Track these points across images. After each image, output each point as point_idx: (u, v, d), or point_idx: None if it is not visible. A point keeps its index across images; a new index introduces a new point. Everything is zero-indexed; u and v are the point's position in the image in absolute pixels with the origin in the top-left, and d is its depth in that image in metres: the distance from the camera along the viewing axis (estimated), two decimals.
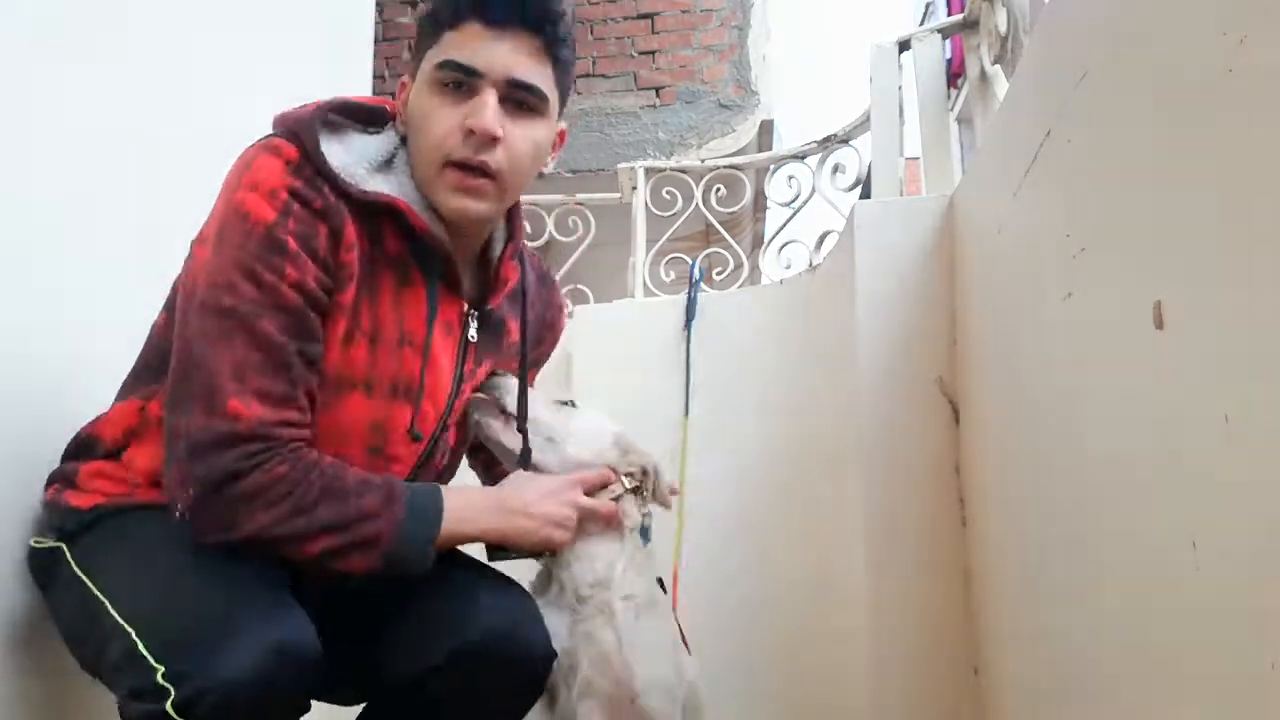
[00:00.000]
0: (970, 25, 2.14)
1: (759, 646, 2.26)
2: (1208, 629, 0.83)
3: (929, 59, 2.25)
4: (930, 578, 1.79)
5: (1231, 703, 0.79)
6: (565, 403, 1.28)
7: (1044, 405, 1.31)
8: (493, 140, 1.07)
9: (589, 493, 1.20)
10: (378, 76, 3.85)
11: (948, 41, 2.31)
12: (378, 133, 1.14)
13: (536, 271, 1.35)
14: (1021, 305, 1.43)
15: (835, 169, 2.57)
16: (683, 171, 2.87)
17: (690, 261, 2.65)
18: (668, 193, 2.84)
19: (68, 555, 1.05)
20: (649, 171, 2.86)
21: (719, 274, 3.14)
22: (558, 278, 2.84)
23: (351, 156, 1.07)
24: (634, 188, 2.86)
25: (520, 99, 1.09)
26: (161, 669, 0.87)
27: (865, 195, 2.24)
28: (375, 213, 1.07)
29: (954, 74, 3.44)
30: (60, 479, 1.12)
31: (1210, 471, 0.82)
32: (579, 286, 2.83)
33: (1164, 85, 0.92)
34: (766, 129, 4.70)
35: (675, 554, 2.29)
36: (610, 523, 1.21)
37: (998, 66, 1.98)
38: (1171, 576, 0.89)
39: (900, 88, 2.33)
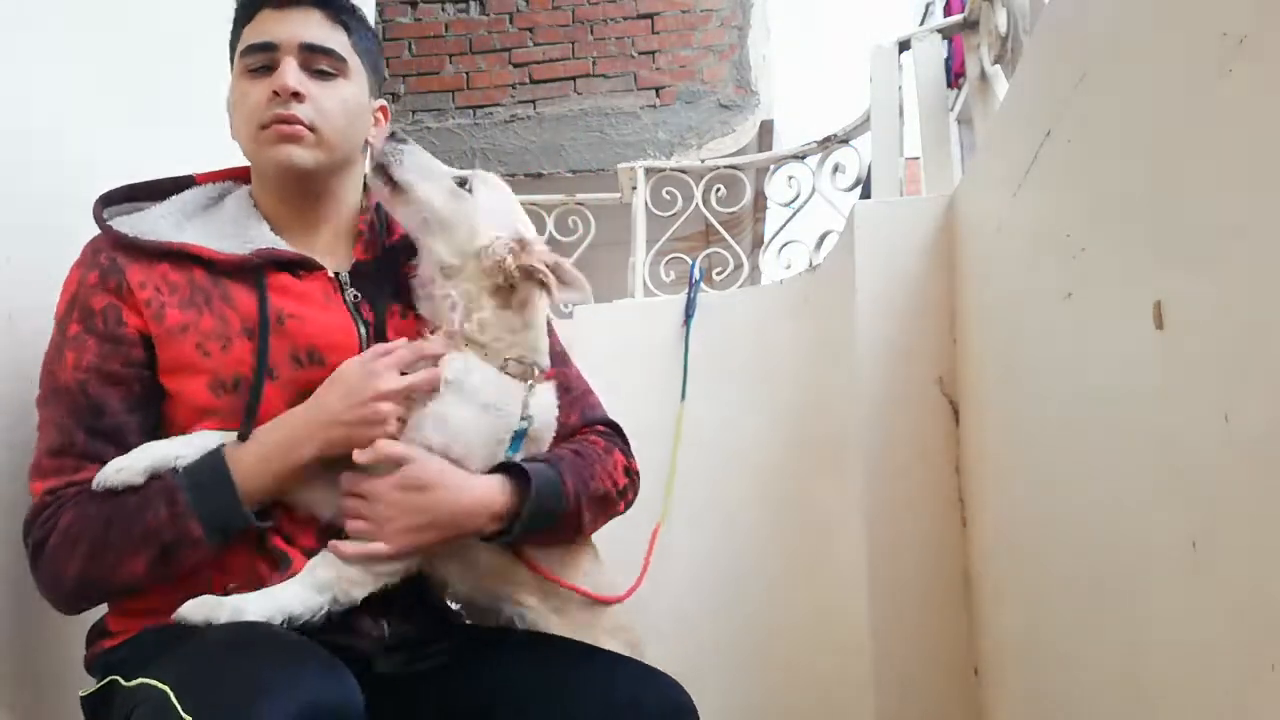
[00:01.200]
0: (970, 25, 2.14)
1: (757, 645, 2.26)
2: (1208, 629, 0.83)
3: (929, 59, 2.25)
4: (930, 578, 1.79)
5: (1232, 704, 0.79)
6: (461, 182, 1.19)
7: (1044, 405, 1.31)
8: (295, 95, 1.15)
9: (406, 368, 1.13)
10: None
11: (948, 41, 2.31)
12: (183, 190, 1.24)
13: None
14: (1021, 305, 1.43)
15: (835, 169, 2.57)
16: (683, 171, 2.87)
17: (690, 261, 2.65)
18: (668, 193, 2.84)
19: (120, 682, 1.01)
20: (649, 171, 2.86)
21: (719, 274, 3.13)
22: None
23: (147, 222, 1.17)
24: (634, 188, 2.86)
25: (319, 64, 1.18)
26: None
27: (865, 195, 2.25)
28: (178, 253, 1.15)
29: (954, 74, 3.44)
30: (94, 635, 1.14)
31: (1210, 471, 0.82)
32: None
33: (1164, 85, 0.92)
34: (766, 129, 4.70)
35: (663, 514, 2.27)
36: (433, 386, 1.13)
37: (998, 66, 1.98)
38: (1171, 577, 0.89)
39: (900, 88, 2.33)
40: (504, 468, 1.15)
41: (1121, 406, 1.02)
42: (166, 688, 0.87)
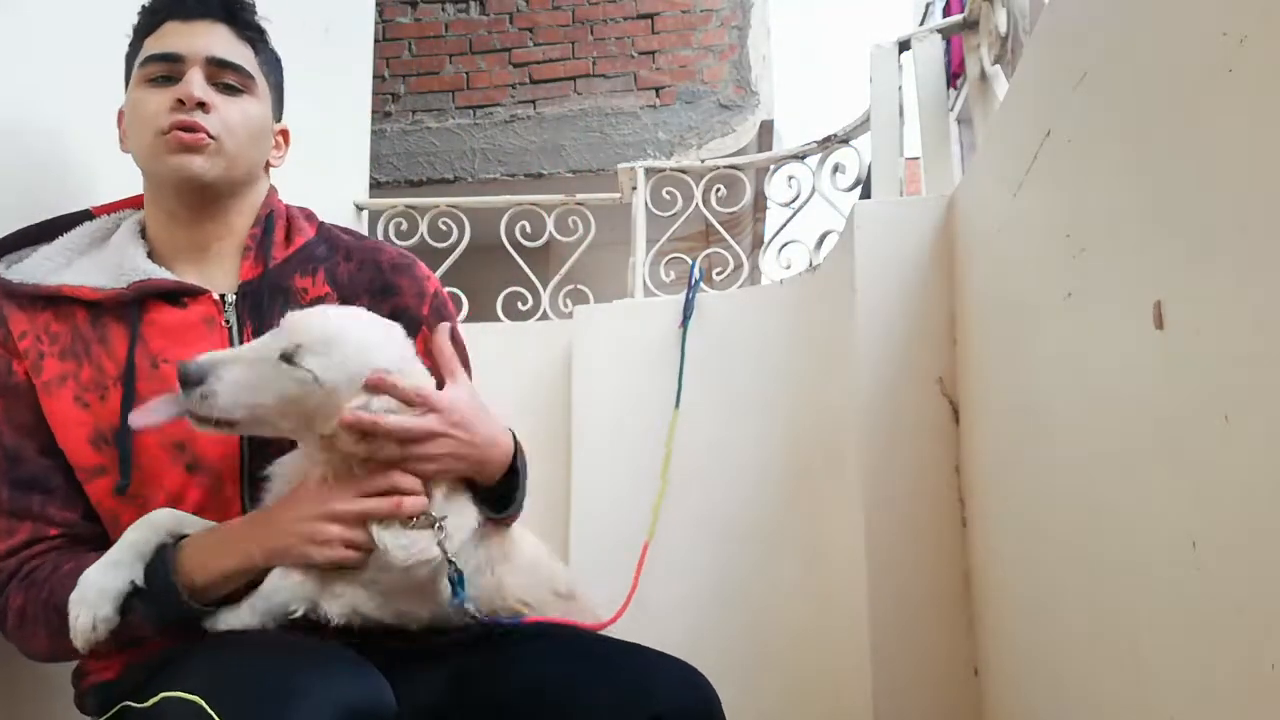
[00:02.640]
0: (970, 25, 2.14)
1: (759, 646, 2.26)
2: (1208, 629, 0.83)
3: (929, 59, 2.25)
4: (930, 578, 1.79)
5: (1231, 703, 0.79)
6: (285, 357, 1.00)
7: (1044, 405, 1.31)
8: (201, 105, 1.12)
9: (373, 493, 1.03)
10: (378, 77, 3.85)
11: (945, 41, 2.31)
12: (76, 225, 1.21)
13: (348, 234, 1.30)
14: (1021, 305, 1.43)
15: (835, 169, 2.56)
16: (683, 171, 2.87)
17: (690, 262, 2.64)
18: (668, 193, 2.84)
19: (134, 706, 0.98)
20: (649, 171, 2.86)
21: (719, 274, 3.13)
22: (557, 278, 2.88)
23: (31, 266, 1.15)
24: (634, 188, 2.86)
25: (225, 79, 1.15)
26: None
27: (865, 195, 2.24)
28: (60, 298, 1.12)
29: (953, 74, 3.44)
30: (77, 675, 1.12)
31: (1210, 471, 0.82)
32: (579, 286, 2.83)
33: (1164, 85, 0.92)
34: (766, 129, 4.70)
35: (651, 531, 2.27)
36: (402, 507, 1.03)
37: (998, 66, 1.98)
38: (1171, 576, 0.89)
39: (900, 88, 2.33)
40: None
41: (1121, 406, 1.02)
42: (197, 698, 0.85)
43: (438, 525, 1.02)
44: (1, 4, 1.31)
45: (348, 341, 1.01)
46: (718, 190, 2.82)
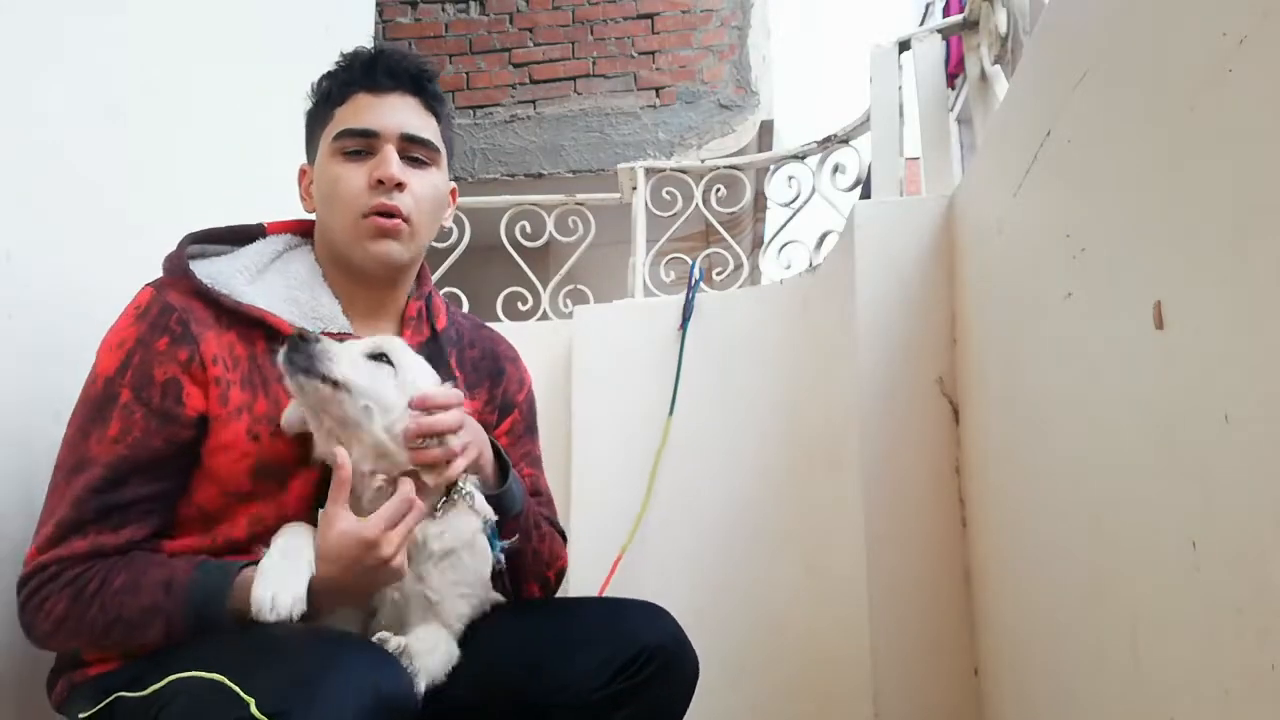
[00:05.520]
0: (970, 25, 2.14)
1: (759, 647, 2.26)
2: (1208, 629, 0.83)
3: (929, 59, 2.25)
4: (930, 578, 1.79)
5: (1231, 703, 0.79)
6: (377, 357, 1.11)
7: (1044, 405, 1.31)
8: (399, 186, 1.16)
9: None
10: None
11: (945, 41, 2.31)
12: (248, 244, 1.22)
13: (469, 319, 1.41)
14: (1021, 305, 1.43)
15: (835, 169, 2.57)
16: (683, 171, 2.87)
17: (690, 262, 2.65)
18: (668, 193, 2.84)
19: (126, 695, 1.00)
20: (649, 171, 2.86)
21: (719, 274, 3.14)
22: (557, 278, 2.88)
23: (223, 271, 1.16)
24: (634, 188, 2.86)
25: (415, 153, 1.20)
26: (253, 701, 0.84)
27: (865, 195, 2.24)
28: (250, 320, 1.13)
29: (951, 74, 3.44)
30: (63, 670, 1.11)
31: (1210, 471, 0.82)
32: (579, 286, 2.83)
33: (1164, 85, 0.92)
34: (766, 129, 4.70)
35: (627, 542, 2.29)
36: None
37: (998, 66, 1.98)
38: (1171, 576, 0.89)
39: (900, 88, 2.33)
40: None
41: (1121, 406, 1.02)
42: (216, 675, 0.86)
43: (465, 493, 1.13)
44: (3, 4, 1.31)
45: (411, 365, 1.14)
46: (718, 190, 2.82)
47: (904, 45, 2.31)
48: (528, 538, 1.23)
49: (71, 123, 1.40)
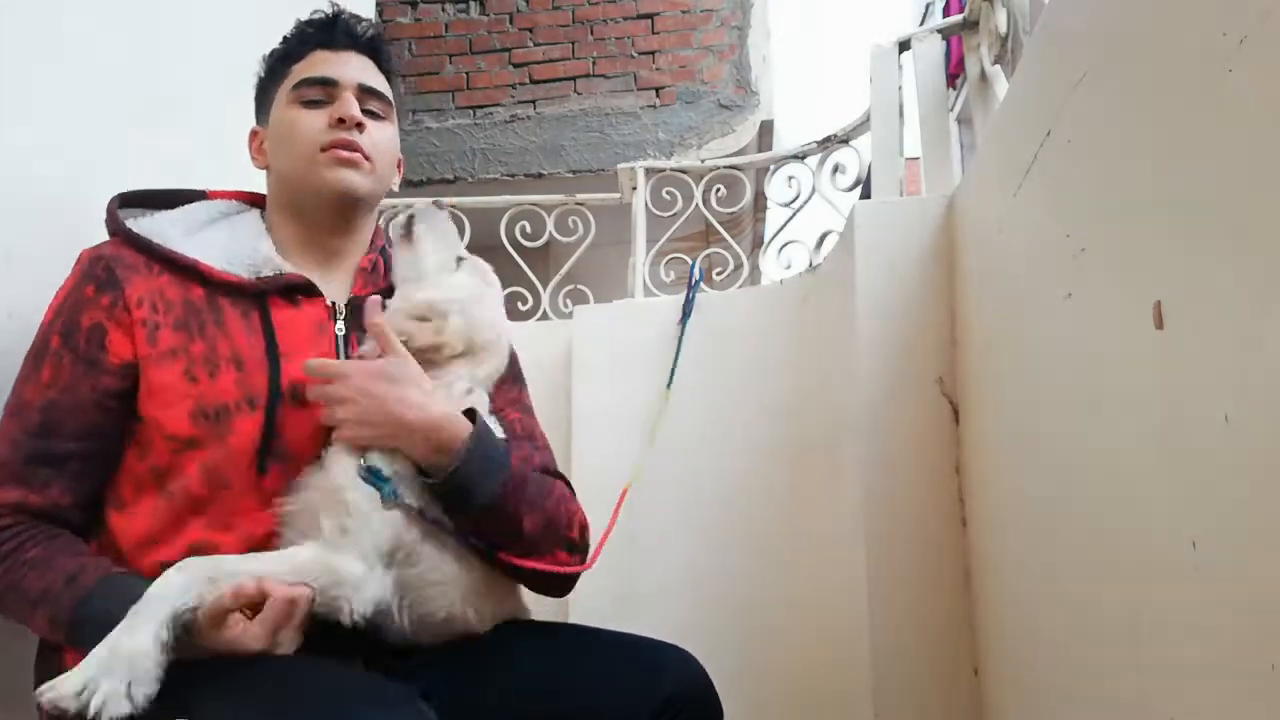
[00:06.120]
0: (970, 25, 2.14)
1: (758, 646, 2.26)
2: (1208, 629, 0.83)
3: (929, 59, 2.24)
4: (930, 578, 1.79)
5: (1231, 703, 0.79)
6: (462, 260, 1.26)
7: (1044, 405, 1.31)
8: (359, 125, 1.22)
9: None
10: None
11: (945, 41, 2.31)
12: (194, 201, 1.26)
13: None
14: (1021, 305, 1.43)
15: (835, 169, 2.56)
16: (683, 171, 2.87)
17: (690, 262, 2.65)
18: (668, 193, 2.83)
19: None
20: (649, 171, 2.86)
21: (719, 274, 3.13)
22: (557, 278, 2.88)
23: (158, 225, 1.19)
24: (634, 188, 2.86)
25: (371, 105, 1.25)
26: None
27: (865, 195, 2.24)
28: (182, 267, 1.15)
29: (952, 74, 3.45)
30: (44, 654, 1.10)
31: (1210, 471, 0.82)
32: (579, 286, 2.83)
33: (1164, 85, 0.92)
34: (766, 129, 4.70)
35: (632, 478, 2.16)
36: None
37: (998, 66, 1.98)
38: (1171, 576, 0.89)
39: (900, 88, 2.33)
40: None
41: (1121, 406, 1.02)
42: None
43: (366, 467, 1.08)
44: (3, 5, 1.31)
45: (429, 250, 1.24)
46: (718, 190, 2.82)
47: (904, 45, 2.31)
48: (535, 507, 1.15)
49: (70, 124, 1.40)
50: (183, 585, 0.94)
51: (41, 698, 0.89)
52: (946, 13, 7.43)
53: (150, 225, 1.18)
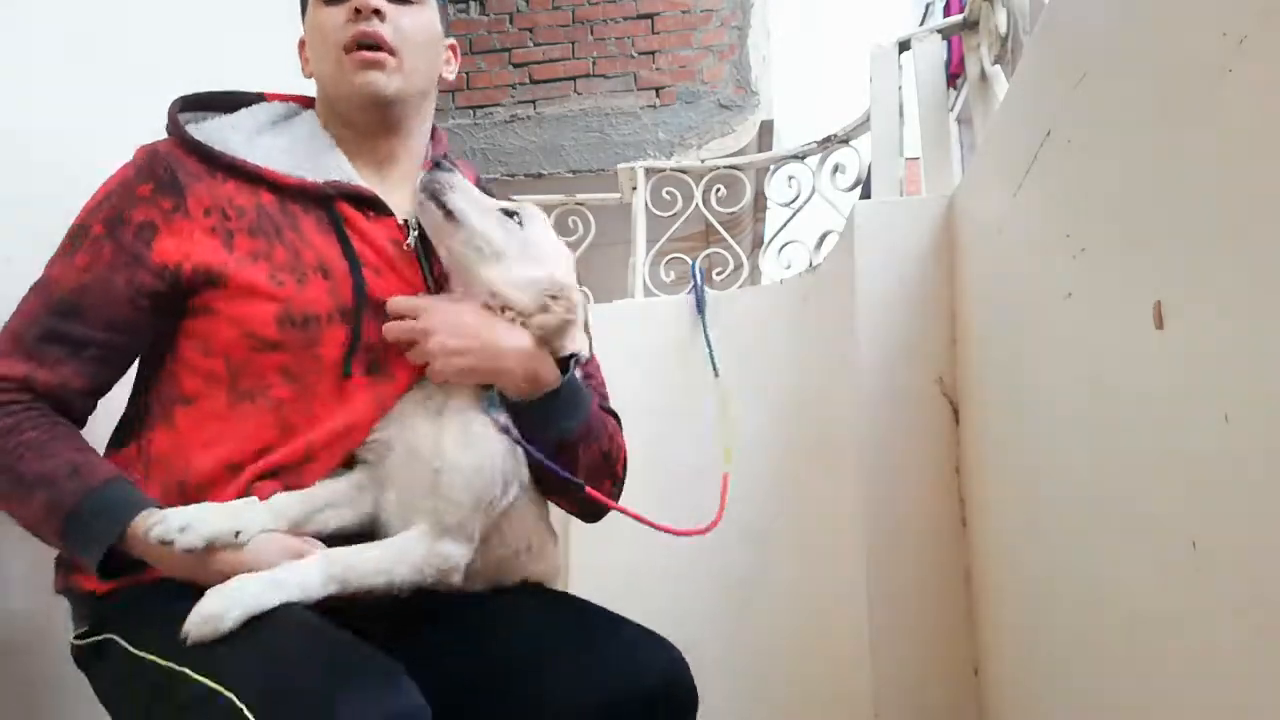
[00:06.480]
0: (970, 25, 2.14)
1: (759, 646, 2.26)
2: (1208, 629, 0.83)
3: (929, 59, 2.25)
4: (930, 578, 1.79)
5: (1232, 703, 0.79)
6: (510, 214, 1.18)
7: (1044, 405, 1.31)
8: (377, 13, 1.14)
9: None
10: None
11: (945, 42, 2.31)
12: (253, 104, 1.22)
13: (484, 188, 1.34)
14: (1021, 305, 1.43)
15: (835, 169, 2.57)
16: (683, 171, 2.87)
17: (690, 262, 2.65)
18: (668, 193, 2.83)
19: (121, 643, 0.99)
20: (649, 171, 2.86)
21: (719, 274, 3.13)
22: None
23: (219, 130, 1.14)
24: (634, 188, 2.86)
25: None
26: None
27: (865, 195, 2.24)
28: (248, 174, 1.12)
29: (952, 74, 3.45)
30: (64, 564, 1.10)
31: (1210, 471, 0.82)
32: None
33: (1164, 85, 0.92)
34: (766, 129, 4.70)
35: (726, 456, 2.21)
36: None
37: (998, 66, 1.98)
38: (1171, 576, 0.89)
39: (900, 88, 2.33)
40: None
41: (1121, 407, 1.02)
42: (235, 699, 0.84)
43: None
44: (3, 5, 1.31)
45: (541, 236, 1.21)
46: (718, 190, 2.82)
47: (904, 45, 2.31)
48: (597, 441, 1.21)
49: (71, 126, 1.40)
50: (320, 583, 0.99)
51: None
52: (947, 13, 7.43)
53: (211, 130, 1.14)
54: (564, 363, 1.15)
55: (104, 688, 1.05)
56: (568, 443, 1.15)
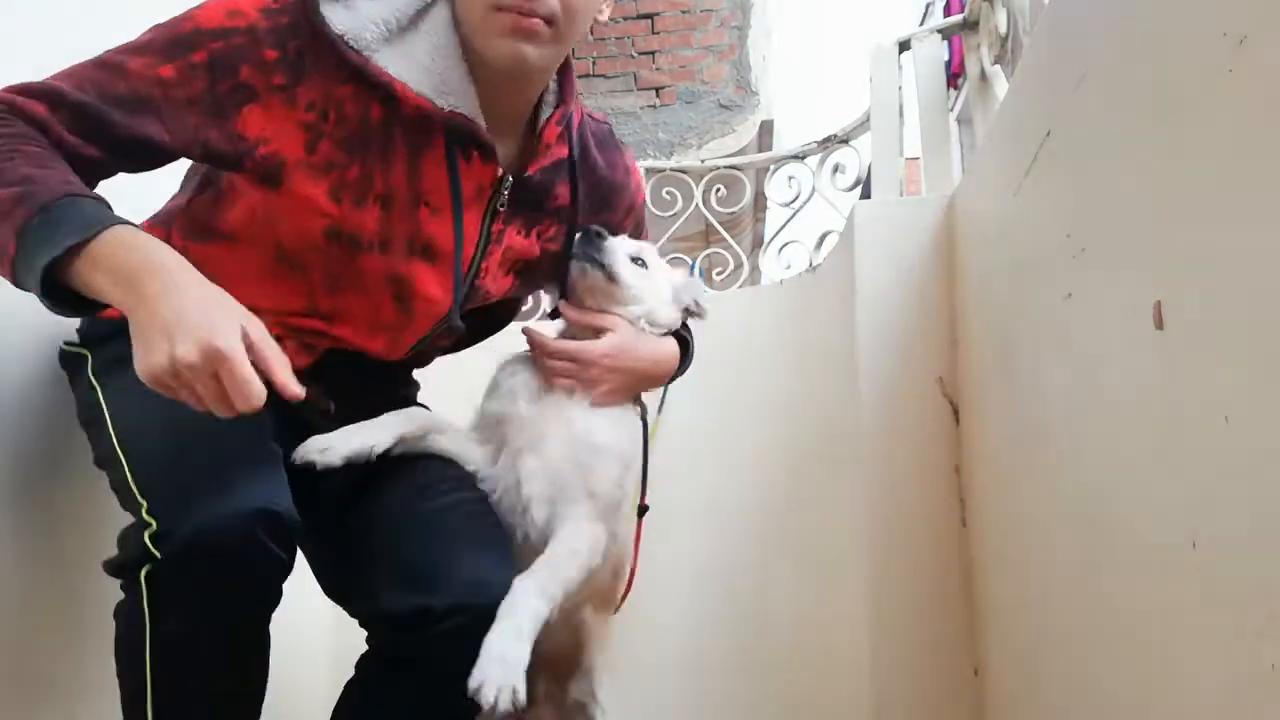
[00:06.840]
0: (970, 25, 2.15)
1: (759, 646, 2.25)
2: (1208, 629, 0.83)
3: (929, 59, 2.25)
4: (930, 578, 1.79)
5: (1232, 703, 0.79)
6: (636, 260, 1.33)
7: (1044, 405, 1.31)
8: None
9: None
10: None
11: (946, 42, 2.31)
12: None
13: (596, 136, 1.33)
14: (1021, 305, 1.43)
15: (835, 169, 2.57)
16: (683, 171, 2.87)
17: (690, 262, 2.65)
18: (668, 193, 2.84)
19: (89, 363, 1.09)
20: (649, 171, 2.86)
21: (719, 274, 3.13)
22: None
23: (358, 22, 1.01)
24: None
25: None
26: (145, 504, 0.92)
27: (865, 195, 2.25)
28: (374, 83, 1.02)
29: (953, 74, 3.45)
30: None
31: (1210, 471, 0.82)
32: None
33: (1164, 85, 0.92)
34: (766, 129, 4.70)
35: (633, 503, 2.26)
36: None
37: (998, 66, 1.98)
38: (1171, 576, 0.89)
39: (900, 88, 2.33)
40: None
41: (1121, 406, 1.02)
42: (124, 460, 0.96)
43: None
44: (3, 5, 1.31)
45: (658, 272, 1.40)
46: (718, 190, 2.82)
47: (904, 45, 2.31)
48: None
49: None
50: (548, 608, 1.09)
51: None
52: (947, 13, 7.42)
53: (351, 21, 1.01)
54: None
55: (77, 394, 1.12)
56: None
